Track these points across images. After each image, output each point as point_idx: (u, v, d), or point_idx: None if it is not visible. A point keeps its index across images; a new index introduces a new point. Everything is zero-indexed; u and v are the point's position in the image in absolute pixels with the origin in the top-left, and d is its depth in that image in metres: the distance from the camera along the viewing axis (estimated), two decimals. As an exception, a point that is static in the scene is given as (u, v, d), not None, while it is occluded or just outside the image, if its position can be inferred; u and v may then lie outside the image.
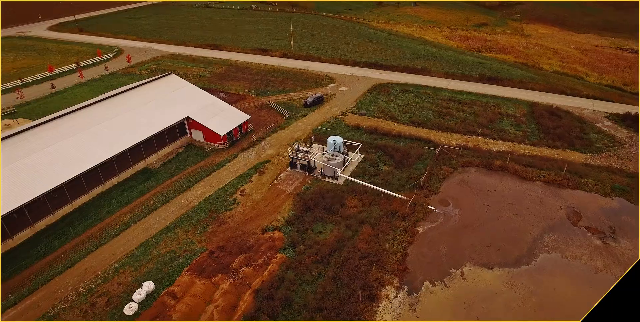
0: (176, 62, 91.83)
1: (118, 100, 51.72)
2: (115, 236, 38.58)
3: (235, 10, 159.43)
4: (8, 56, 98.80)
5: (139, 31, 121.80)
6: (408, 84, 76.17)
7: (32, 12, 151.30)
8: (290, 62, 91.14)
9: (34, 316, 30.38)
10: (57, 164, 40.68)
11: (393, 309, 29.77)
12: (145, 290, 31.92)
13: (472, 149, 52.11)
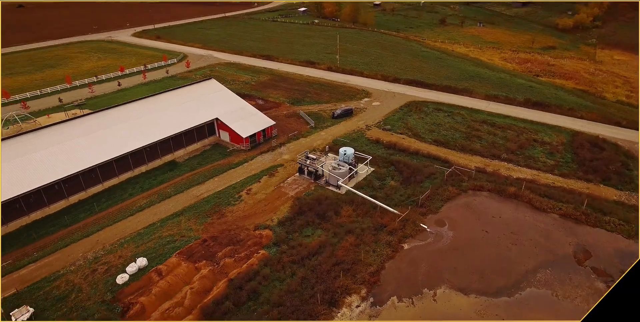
0: (228, 69, 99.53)
1: (159, 99, 58.20)
2: (129, 215, 43.46)
3: (298, 25, 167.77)
4: (93, 57, 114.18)
5: (206, 40, 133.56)
6: (443, 104, 75.12)
7: (124, 20, 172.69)
8: (333, 75, 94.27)
9: (46, 272, 35.51)
10: (95, 148, 47.04)
11: (351, 317, 30.18)
12: (138, 265, 35.73)
13: (489, 174, 50.28)
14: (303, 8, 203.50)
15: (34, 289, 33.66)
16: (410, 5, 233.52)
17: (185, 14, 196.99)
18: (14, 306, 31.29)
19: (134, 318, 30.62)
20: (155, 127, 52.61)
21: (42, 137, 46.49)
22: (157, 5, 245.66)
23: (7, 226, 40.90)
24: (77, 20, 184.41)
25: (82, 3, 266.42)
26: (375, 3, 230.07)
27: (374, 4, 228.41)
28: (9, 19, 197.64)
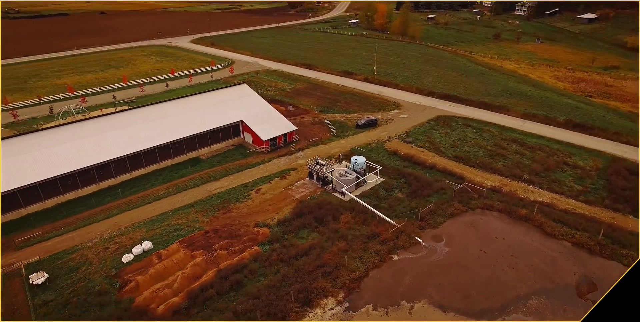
0: (268, 76, 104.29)
1: (192, 99, 63.05)
2: (147, 203, 47.55)
3: (345, 36, 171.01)
4: (152, 60, 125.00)
5: (255, 48, 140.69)
6: (474, 120, 73.17)
7: (185, 27, 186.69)
8: (367, 86, 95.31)
9: (67, 245, 40.05)
10: (127, 140, 52.17)
11: (322, 318, 30.94)
12: (143, 247, 39.14)
13: (503, 193, 48.38)
14: (354, 20, 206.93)
15: (53, 259, 38.18)
16: (467, 19, 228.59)
17: (243, 23, 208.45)
18: (34, 271, 35.79)
19: (128, 293, 33.74)
20: (184, 126, 57.05)
21: (86, 128, 52.52)
22: (219, 15, 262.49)
23: (44, 203, 46.63)
24: (146, 26, 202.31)
25: (154, 11, 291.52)
26: (429, 16, 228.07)
27: (427, 17, 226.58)
28: (89, 24, 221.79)
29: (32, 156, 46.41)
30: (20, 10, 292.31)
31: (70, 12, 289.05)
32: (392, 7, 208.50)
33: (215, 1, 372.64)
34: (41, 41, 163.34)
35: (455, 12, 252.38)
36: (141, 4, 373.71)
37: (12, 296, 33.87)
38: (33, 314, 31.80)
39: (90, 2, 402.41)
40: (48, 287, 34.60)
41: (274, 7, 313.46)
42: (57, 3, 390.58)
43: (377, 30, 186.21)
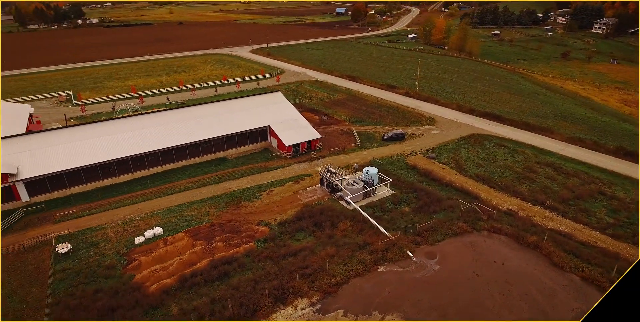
0: (311, 86, 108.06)
1: (226, 103, 68.06)
2: (169, 194, 52.29)
3: (400, 50, 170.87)
4: (211, 67, 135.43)
5: (306, 59, 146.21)
6: (510, 140, 69.85)
7: (248, 38, 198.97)
8: (406, 100, 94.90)
9: (94, 224, 45.54)
10: (163, 137, 57.91)
11: (290, 316, 32.12)
12: (154, 232, 43.29)
13: (517, 218, 45.91)
14: (412, 35, 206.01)
15: (80, 234, 43.70)
16: (535, 36, 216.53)
17: (303, 35, 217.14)
18: (61, 242, 41.36)
19: (130, 270, 37.70)
20: (215, 127, 61.82)
21: (130, 123, 59.32)
22: (283, 27, 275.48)
23: (85, 186, 53.36)
24: (215, 36, 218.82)
25: (227, 23, 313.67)
26: (494, 32, 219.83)
27: (492, 34, 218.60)
28: (167, 33, 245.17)
29: (81, 144, 53.55)
30: (114, 19, 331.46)
31: (154, 22, 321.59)
32: (452, 22, 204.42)
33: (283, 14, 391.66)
34: (123, 47, 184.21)
35: (524, 28, 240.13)
36: (216, 16, 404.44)
37: (40, 260, 39.48)
38: (51, 278, 36.84)
39: (173, 13, 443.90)
40: (69, 256, 39.78)
41: (337, 21, 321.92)
42: (146, 14, 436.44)
43: (434, 45, 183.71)
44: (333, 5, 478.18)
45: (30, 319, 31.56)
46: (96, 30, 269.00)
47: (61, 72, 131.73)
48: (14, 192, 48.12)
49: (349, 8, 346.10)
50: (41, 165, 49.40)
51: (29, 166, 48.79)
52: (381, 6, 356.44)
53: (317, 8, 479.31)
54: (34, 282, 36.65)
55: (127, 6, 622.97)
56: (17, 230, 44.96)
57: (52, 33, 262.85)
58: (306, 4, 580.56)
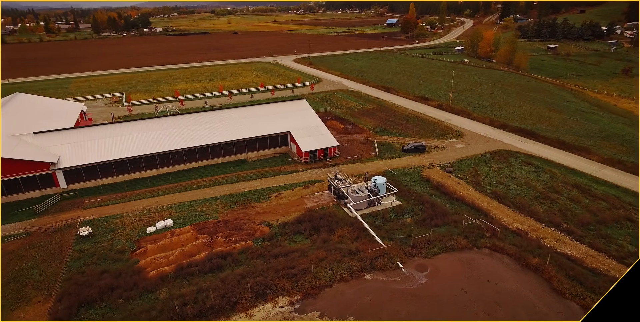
0: (343, 95, 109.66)
1: (252, 109, 71.51)
2: (187, 190, 56.00)
3: (444, 62, 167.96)
4: (253, 74, 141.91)
5: (345, 69, 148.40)
6: (539, 158, 66.49)
7: (293, 48, 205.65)
8: (437, 113, 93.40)
9: (115, 212, 50.04)
10: (187, 137, 62.25)
11: (267, 312, 33.26)
12: (165, 224, 46.74)
13: (525, 238, 43.88)
14: (459, 47, 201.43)
15: (102, 220, 48.28)
16: (597, 51, 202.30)
17: (348, 46, 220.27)
18: (84, 226, 46.03)
19: (136, 256, 41.12)
20: (238, 130, 65.29)
21: (161, 123, 64.46)
22: (331, 38, 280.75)
23: (115, 177, 58.68)
24: (264, 45, 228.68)
25: (278, 33, 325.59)
26: (550, 46, 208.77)
27: (548, 47, 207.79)
28: (221, 41, 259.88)
29: (116, 140, 59.20)
30: (176, 28, 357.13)
31: (212, 31, 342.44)
32: (501, 35, 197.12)
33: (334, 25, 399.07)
34: (178, 54, 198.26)
35: (585, 42, 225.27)
36: (270, 26, 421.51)
37: (65, 240, 44.22)
38: (69, 256, 41.20)
39: (231, 23, 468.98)
40: (89, 239, 44.17)
41: (387, 32, 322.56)
42: (206, 24, 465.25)
43: (481, 58, 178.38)
44: (386, 17, 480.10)
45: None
46: (158, 38, 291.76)
47: (120, 75, 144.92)
48: (54, 179, 54.28)
49: (400, 19, 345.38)
50: (79, 156, 55.32)
51: (68, 157, 54.86)
52: (433, 18, 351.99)
53: (369, 19, 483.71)
54: (55, 259, 41.17)
55: (190, 16, 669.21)
56: (52, 212, 50.63)
57: (120, 40, 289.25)
58: (359, 16, 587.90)
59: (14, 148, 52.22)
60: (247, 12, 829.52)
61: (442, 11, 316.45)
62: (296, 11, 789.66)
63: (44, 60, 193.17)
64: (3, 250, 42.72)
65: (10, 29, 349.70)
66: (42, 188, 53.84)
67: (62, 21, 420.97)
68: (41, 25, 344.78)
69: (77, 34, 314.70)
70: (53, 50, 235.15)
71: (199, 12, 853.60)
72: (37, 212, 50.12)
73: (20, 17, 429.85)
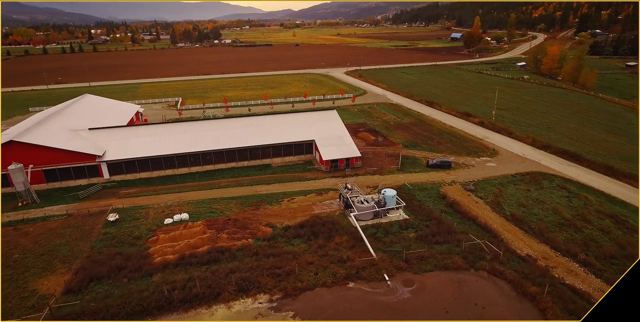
0: (383, 108, 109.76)
1: (283, 117, 75.01)
2: (209, 189, 60.31)
3: (501, 78, 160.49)
4: (301, 84, 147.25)
5: (393, 82, 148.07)
6: (577, 183, 61.48)
7: (350, 60, 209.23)
8: (476, 129, 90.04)
9: (143, 203, 55.58)
10: (218, 140, 67.13)
11: (246, 306, 35.11)
12: (181, 217, 50.98)
13: (531, 265, 41.08)
14: (522, 63, 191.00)
15: (130, 209, 53.95)
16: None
17: (404, 59, 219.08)
18: (113, 212, 51.86)
19: (148, 243, 45.47)
20: (265, 136, 68.96)
21: (197, 126, 70.23)
22: (389, 51, 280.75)
23: (151, 172, 64.93)
24: (319, 57, 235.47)
25: (339, 46, 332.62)
26: (629, 64, 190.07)
27: (626, 65, 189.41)
28: (280, 53, 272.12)
29: (155, 139, 65.77)
30: (243, 40, 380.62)
31: (275, 43, 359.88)
32: (567, 51, 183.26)
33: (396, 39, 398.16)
34: (238, 64, 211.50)
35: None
36: (332, 39, 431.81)
37: (95, 224, 50.20)
38: (95, 238, 46.77)
39: (296, 36, 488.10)
40: (115, 224, 49.70)
41: (449, 46, 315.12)
42: (272, 36, 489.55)
43: (544, 75, 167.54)
44: (452, 31, 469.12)
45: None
46: (226, 49, 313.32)
47: (182, 82, 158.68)
48: (99, 170, 61.72)
49: (464, 34, 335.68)
50: (121, 151, 62.41)
51: (113, 151, 62.15)
52: (500, 32, 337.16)
53: (434, 33, 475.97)
54: (84, 239, 46.98)
55: (260, 29, 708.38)
56: (92, 199, 57.59)
57: (191, 50, 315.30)
58: (424, 30, 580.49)
59: (70, 141, 60.57)
60: (314, 25, 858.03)
61: (511, 25, 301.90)
62: (362, 25, 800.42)
63: (122, 66, 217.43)
64: (46, 227, 49.67)
65: (103, 38, 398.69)
66: (88, 177, 61.47)
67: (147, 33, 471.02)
68: (128, 36, 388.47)
69: (157, 44, 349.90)
70: (132, 58, 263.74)
71: (269, 25, 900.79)
72: (80, 197, 57.37)
73: (113, 29, 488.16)
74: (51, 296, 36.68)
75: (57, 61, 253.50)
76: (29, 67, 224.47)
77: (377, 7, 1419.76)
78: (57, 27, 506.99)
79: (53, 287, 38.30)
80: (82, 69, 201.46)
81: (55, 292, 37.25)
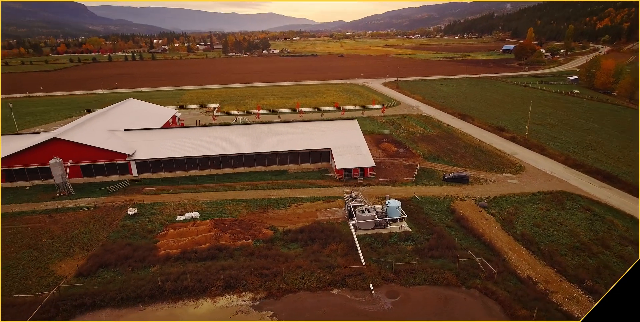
0: (412, 120, 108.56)
1: (304, 125, 77.22)
2: (224, 191, 63.48)
3: (546, 93, 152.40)
4: (335, 94, 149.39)
5: (430, 94, 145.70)
6: (604, 205, 57.20)
7: (392, 71, 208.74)
8: (506, 145, 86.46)
9: (162, 200, 59.71)
10: (239, 144, 70.51)
11: (230, 302, 36.83)
12: (192, 215, 54.25)
13: (529, 287, 39.02)
14: (574, 76, 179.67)
15: (149, 205, 58.26)
16: None
17: (448, 71, 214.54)
18: (133, 207, 56.34)
19: (157, 237, 48.94)
20: (283, 143, 71.33)
21: (221, 131, 74.31)
22: (434, 63, 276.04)
23: (175, 172, 69.53)
24: (361, 68, 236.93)
25: (385, 56, 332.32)
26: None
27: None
28: (323, 63, 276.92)
29: (181, 141, 70.57)
30: (290, 51, 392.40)
31: (321, 54, 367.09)
32: (624, 64, 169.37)
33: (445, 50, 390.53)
34: (281, 74, 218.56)
35: None
36: (379, 50, 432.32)
37: (116, 216, 54.86)
38: (114, 229, 51.16)
39: (343, 47, 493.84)
40: (132, 218, 54.02)
41: (499, 58, 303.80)
42: (320, 47, 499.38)
43: (597, 89, 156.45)
44: (506, 42, 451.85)
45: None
46: (272, 59, 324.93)
47: (224, 89, 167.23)
48: (129, 168, 67.28)
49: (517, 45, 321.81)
50: (150, 152, 67.66)
51: (142, 151, 67.56)
52: (557, 44, 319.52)
53: (486, 45, 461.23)
54: (104, 229, 51.58)
55: (310, 40, 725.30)
56: (119, 194, 62.87)
57: (240, 59, 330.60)
58: (477, 41, 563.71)
59: (106, 140, 66.87)
60: (363, 36, 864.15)
61: (568, 37, 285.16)
62: (412, 36, 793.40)
63: (174, 74, 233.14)
64: (75, 216, 55.09)
65: (162, 48, 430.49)
66: (119, 174, 67.21)
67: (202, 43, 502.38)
68: (184, 46, 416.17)
69: (209, 54, 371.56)
70: (184, 66, 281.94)
71: (319, 36, 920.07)
72: (109, 192, 62.88)
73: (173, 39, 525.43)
74: (64, 277, 40.80)
75: (119, 68, 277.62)
76: (93, 73, 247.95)
77: (430, 18, 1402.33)
78: (125, 37, 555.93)
79: (68, 270, 42.54)
80: (138, 75, 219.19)
81: (68, 275, 41.38)
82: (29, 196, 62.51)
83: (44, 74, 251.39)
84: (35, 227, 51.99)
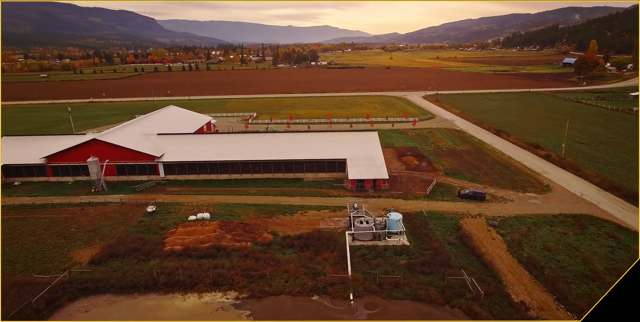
0: (442, 134, 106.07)
1: (323, 135, 78.98)
2: (237, 195, 66.56)
3: (601, 109, 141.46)
4: (371, 106, 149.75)
5: (469, 109, 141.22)
6: (632, 233, 52.58)
7: (434, 84, 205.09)
8: (537, 162, 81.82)
9: (180, 201, 64.04)
10: (258, 151, 73.78)
11: (214, 298, 38.98)
12: (203, 215, 57.71)
13: (519, 314, 37.15)
14: (636, 93, 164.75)
15: (168, 204, 62.80)
16: None
17: (496, 85, 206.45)
18: (152, 205, 61.12)
19: (167, 234, 52.78)
20: (301, 152, 73.47)
21: (245, 138, 78.15)
22: (483, 76, 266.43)
23: (198, 175, 74.16)
24: (405, 80, 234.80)
25: (434, 69, 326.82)
26: None
27: None
28: (367, 75, 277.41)
29: (206, 147, 75.27)
30: (338, 63, 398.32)
31: (369, 66, 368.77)
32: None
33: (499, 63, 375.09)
34: (323, 85, 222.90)
35: None
36: (428, 62, 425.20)
37: (136, 213, 59.82)
38: (132, 224, 55.93)
39: (393, 59, 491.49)
40: (150, 214, 58.66)
41: (557, 72, 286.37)
42: (369, 59, 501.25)
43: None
44: (568, 56, 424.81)
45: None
46: (319, 71, 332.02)
47: (264, 99, 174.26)
48: (157, 169, 72.97)
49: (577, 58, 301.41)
50: (176, 155, 72.96)
51: (170, 154, 73.06)
52: (626, 57, 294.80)
53: (545, 58, 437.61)
54: (124, 223, 56.57)
55: (361, 52, 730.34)
56: (145, 192, 68.40)
57: (288, 71, 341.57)
58: (536, 54, 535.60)
59: (139, 143, 73.26)
60: (416, 48, 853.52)
61: (636, 49, 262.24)
62: (467, 49, 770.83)
63: (223, 83, 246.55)
64: (103, 210, 60.89)
65: (218, 59, 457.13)
66: (148, 174, 73.12)
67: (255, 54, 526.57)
68: (239, 57, 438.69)
69: (259, 65, 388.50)
70: (235, 76, 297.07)
71: (372, 48, 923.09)
72: (136, 190, 68.64)
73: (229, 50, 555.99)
74: (79, 263, 45.52)
75: (175, 77, 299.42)
76: (152, 81, 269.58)
77: (489, 30, 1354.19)
78: (186, 49, 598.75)
79: (85, 257, 47.34)
80: (189, 84, 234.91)
81: (83, 261, 46.09)
82: (69, 189, 70.08)
83: (109, 82, 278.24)
84: (68, 218, 58.26)
